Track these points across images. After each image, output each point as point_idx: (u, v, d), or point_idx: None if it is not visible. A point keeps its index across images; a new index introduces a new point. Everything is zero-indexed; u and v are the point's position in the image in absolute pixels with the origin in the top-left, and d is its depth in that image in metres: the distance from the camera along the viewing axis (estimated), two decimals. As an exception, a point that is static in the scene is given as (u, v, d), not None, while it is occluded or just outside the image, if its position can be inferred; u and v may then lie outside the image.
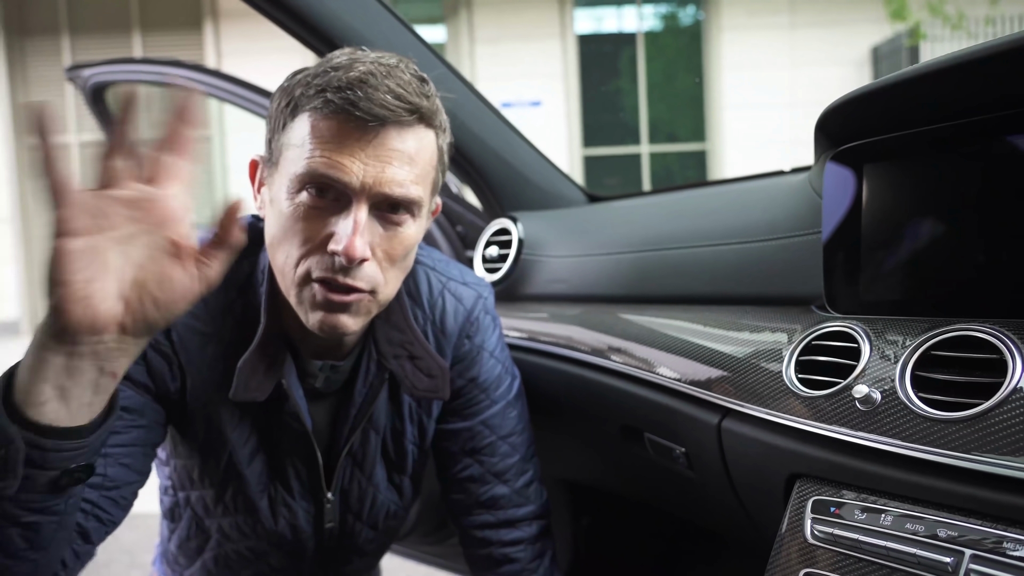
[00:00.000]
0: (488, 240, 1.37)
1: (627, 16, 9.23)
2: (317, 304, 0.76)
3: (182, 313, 0.61)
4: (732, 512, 0.87)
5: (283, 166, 0.76)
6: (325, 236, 0.74)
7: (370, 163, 0.73)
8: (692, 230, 1.02)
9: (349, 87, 0.71)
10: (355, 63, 0.73)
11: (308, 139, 0.73)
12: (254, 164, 0.83)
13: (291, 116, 0.75)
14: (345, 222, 0.73)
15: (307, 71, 0.77)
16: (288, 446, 0.89)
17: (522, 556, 0.98)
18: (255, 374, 0.81)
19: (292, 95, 0.75)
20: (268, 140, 0.79)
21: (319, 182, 0.73)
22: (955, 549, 0.56)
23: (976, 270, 0.66)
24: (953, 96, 0.67)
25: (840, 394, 0.67)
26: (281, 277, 0.78)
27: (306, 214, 0.74)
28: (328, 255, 0.74)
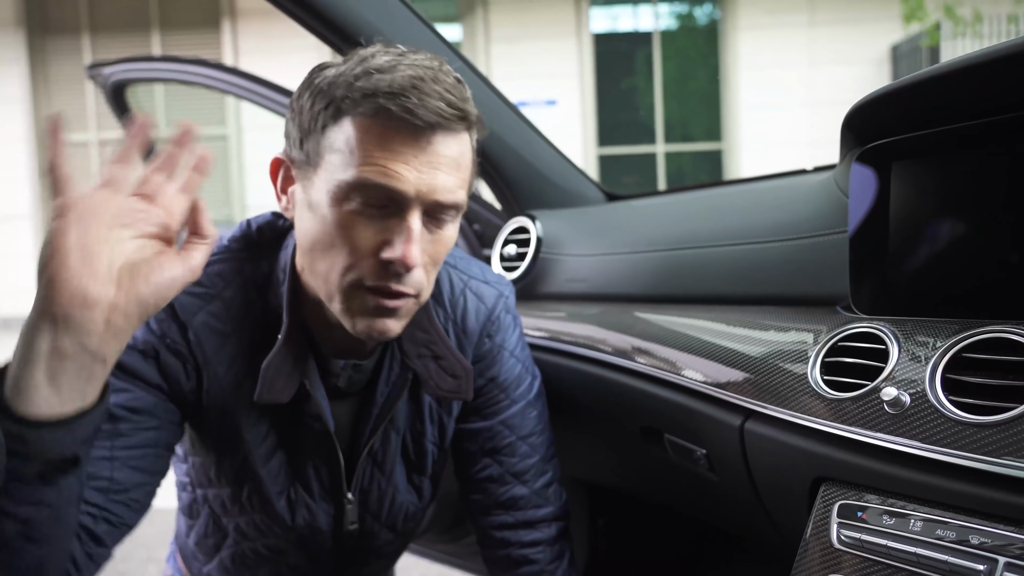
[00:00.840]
0: (506, 238, 1.36)
1: (643, 15, 9.19)
2: (368, 311, 0.76)
3: (170, 299, 0.63)
4: (753, 515, 0.86)
5: (326, 171, 0.73)
6: (377, 244, 0.73)
7: (423, 170, 0.72)
8: (714, 229, 1.01)
9: (403, 92, 0.69)
10: (398, 65, 0.71)
11: (358, 145, 0.71)
12: (277, 163, 0.81)
13: (333, 119, 0.73)
14: (399, 230, 0.72)
15: (340, 70, 0.74)
16: (309, 446, 0.88)
17: (541, 557, 0.97)
18: (279, 375, 0.80)
19: (331, 97, 0.72)
20: (299, 140, 0.76)
21: (371, 191, 0.71)
22: (988, 556, 0.55)
23: (1007, 270, 0.64)
24: (982, 93, 0.66)
25: (867, 396, 0.66)
26: (323, 283, 0.77)
27: (356, 222, 0.73)
28: (381, 262, 0.73)
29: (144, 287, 0.60)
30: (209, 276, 0.82)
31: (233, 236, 0.87)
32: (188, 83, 1.96)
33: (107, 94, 2.08)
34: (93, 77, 2.09)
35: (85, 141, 9.08)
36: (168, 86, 7.46)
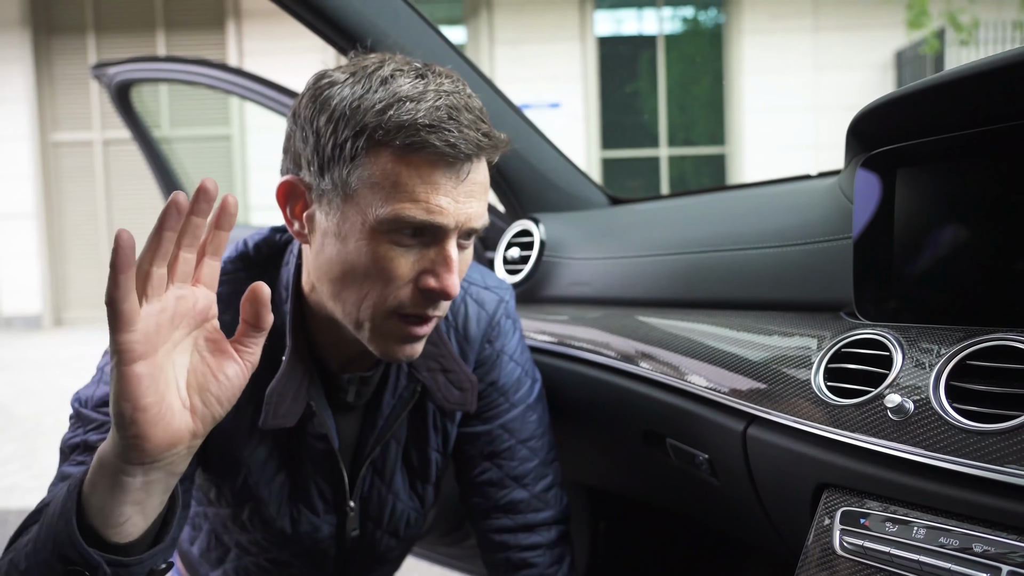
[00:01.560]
0: (510, 241, 1.36)
1: (647, 19, 9.20)
2: (400, 337, 0.76)
3: (237, 398, 0.61)
4: (755, 520, 0.86)
5: (361, 203, 0.71)
6: (416, 273, 0.73)
7: (460, 200, 0.72)
8: (717, 234, 1.01)
9: (443, 126, 0.68)
10: (426, 92, 0.70)
11: (399, 180, 0.69)
12: (288, 187, 0.76)
13: (366, 150, 0.70)
14: (440, 260, 0.73)
15: (357, 91, 0.70)
16: (311, 464, 0.88)
17: (540, 561, 0.97)
18: (284, 399, 0.80)
19: (360, 125, 0.69)
20: (319, 166, 0.72)
21: (415, 226, 0.71)
22: (991, 564, 0.54)
23: (1012, 277, 0.64)
24: (987, 100, 0.66)
25: (871, 403, 0.65)
26: (353, 309, 0.76)
27: (393, 252, 0.72)
28: (421, 291, 0.74)
29: (216, 406, 0.59)
30: (222, 299, 0.79)
31: (229, 257, 0.85)
32: (192, 83, 1.96)
33: (111, 94, 2.09)
34: (98, 77, 2.09)
35: (89, 140, 9.10)
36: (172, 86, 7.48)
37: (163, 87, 8.33)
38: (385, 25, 1.14)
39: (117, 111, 2.13)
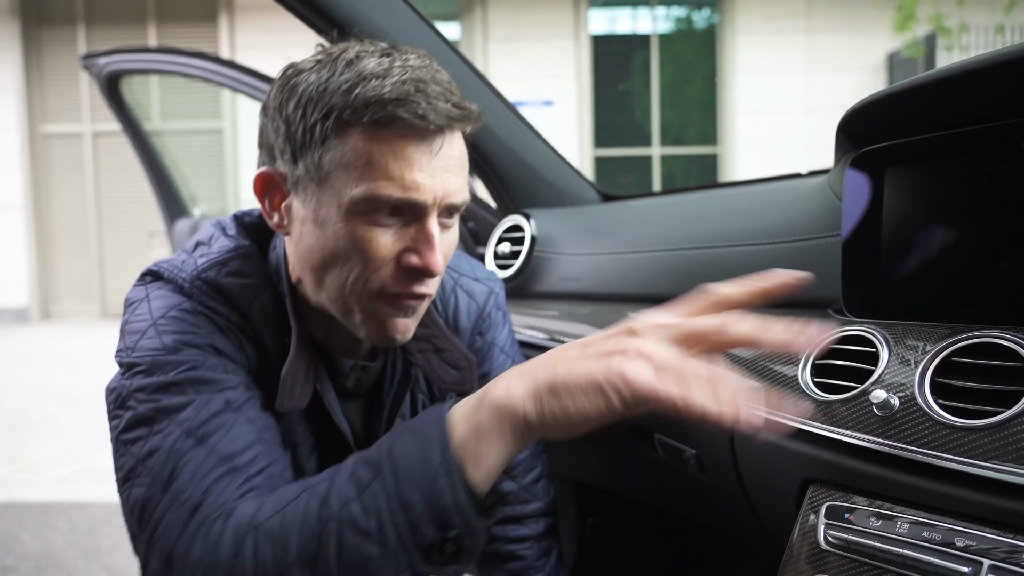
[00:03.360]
0: (500, 236, 1.36)
1: (641, 18, 9.22)
2: (387, 316, 0.75)
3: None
4: (742, 515, 0.87)
5: (335, 186, 0.70)
6: (397, 251, 0.72)
7: (436, 175, 0.70)
8: (708, 231, 1.02)
9: (409, 97, 0.67)
10: (392, 68, 0.69)
11: (371, 158, 0.68)
12: (264, 178, 0.76)
13: (335, 131, 0.69)
14: (420, 237, 0.72)
15: (324, 75, 0.70)
16: (330, 450, 0.87)
17: (528, 553, 0.97)
18: (296, 381, 0.78)
19: (329, 106, 0.68)
20: (291, 154, 0.72)
21: (392, 204, 0.70)
22: (973, 559, 0.55)
23: (999, 276, 0.65)
24: (977, 99, 0.66)
25: (857, 399, 0.66)
26: (337, 295, 0.75)
27: (372, 232, 0.71)
28: (403, 269, 0.73)
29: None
30: (252, 266, 0.80)
31: (237, 233, 0.83)
32: (183, 75, 1.95)
33: (101, 85, 2.07)
34: (87, 67, 2.08)
35: (79, 132, 9.04)
36: (163, 78, 7.43)
37: (154, 80, 8.29)
38: (379, 20, 1.14)
39: (106, 102, 2.12)
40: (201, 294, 0.77)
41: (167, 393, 0.70)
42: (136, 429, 0.70)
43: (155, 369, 0.71)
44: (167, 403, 0.70)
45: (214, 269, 0.78)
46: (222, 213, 4.35)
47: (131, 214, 8.85)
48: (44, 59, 9.04)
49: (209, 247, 0.81)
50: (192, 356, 0.72)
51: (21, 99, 8.89)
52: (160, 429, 0.69)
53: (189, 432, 0.68)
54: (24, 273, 8.97)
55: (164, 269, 0.79)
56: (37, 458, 3.62)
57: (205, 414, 0.70)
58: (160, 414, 0.69)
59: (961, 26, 6.62)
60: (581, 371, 0.57)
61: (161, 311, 0.75)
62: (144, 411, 0.70)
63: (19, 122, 8.88)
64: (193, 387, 0.71)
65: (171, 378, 0.71)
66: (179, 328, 0.74)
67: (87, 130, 9.00)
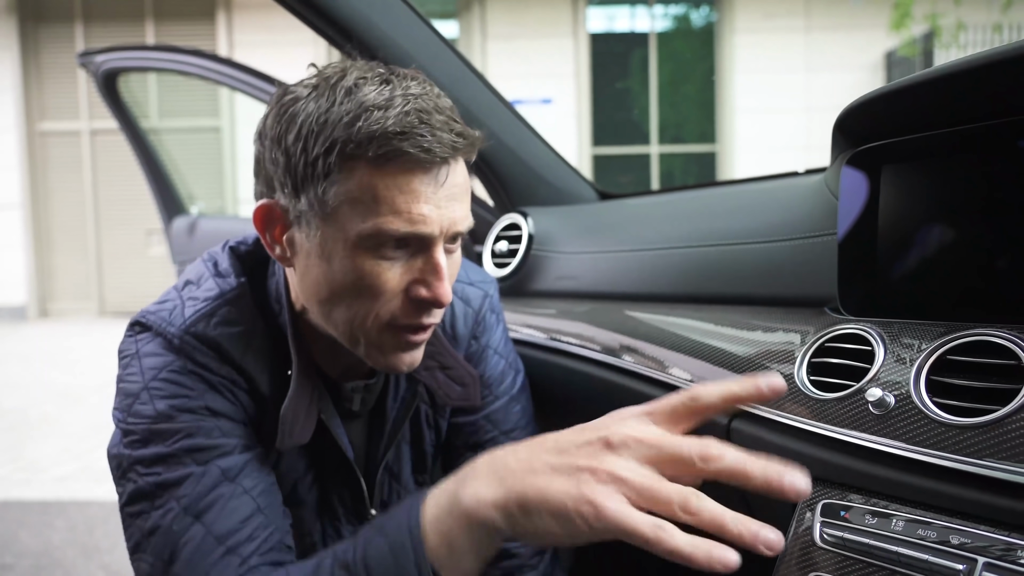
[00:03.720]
0: (498, 235, 1.36)
1: (640, 16, 9.22)
2: (399, 347, 0.75)
3: None
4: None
5: (340, 220, 0.69)
6: (406, 284, 0.72)
7: (443, 205, 0.70)
8: (705, 229, 1.02)
9: (414, 130, 0.66)
10: (394, 99, 0.67)
11: (378, 193, 0.67)
12: (264, 210, 0.74)
13: (338, 165, 0.67)
14: (428, 269, 0.71)
15: (323, 105, 0.68)
16: (332, 476, 0.88)
17: (522, 551, 0.97)
18: (297, 418, 0.78)
19: (331, 140, 0.67)
20: (292, 187, 0.70)
21: (400, 238, 0.69)
22: (968, 556, 0.55)
23: (994, 275, 0.65)
24: (973, 98, 0.66)
25: (852, 397, 0.66)
26: (346, 327, 0.74)
27: (380, 266, 0.70)
28: (411, 301, 0.72)
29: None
30: (241, 311, 0.79)
31: (237, 268, 0.82)
32: (181, 73, 1.95)
33: (98, 82, 2.07)
34: (84, 65, 2.08)
35: (77, 130, 9.03)
36: (161, 76, 7.43)
37: (152, 77, 8.28)
38: (376, 18, 1.14)
39: (104, 100, 2.12)
40: (192, 349, 0.75)
41: (165, 465, 0.71)
42: (138, 503, 0.72)
43: (151, 439, 0.72)
44: (165, 477, 0.71)
45: (202, 322, 0.76)
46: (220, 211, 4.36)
47: (129, 212, 8.84)
48: (42, 57, 9.02)
49: (198, 287, 0.80)
50: (187, 423, 0.73)
51: (19, 97, 8.87)
52: (160, 505, 0.70)
53: (187, 509, 0.70)
54: (22, 271, 8.96)
55: (152, 321, 0.77)
56: (36, 457, 3.62)
57: (202, 488, 0.71)
58: (159, 489, 0.71)
59: (958, 24, 6.63)
60: (552, 492, 0.53)
61: (152, 372, 0.75)
62: (144, 486, 0.71)
63: (17, 120, 8.86)
64: (190, 456, 0.72)
65: (168, 449, 0.72)
66: (171, 392, 0.74)
67: (85, 128, 8.98)
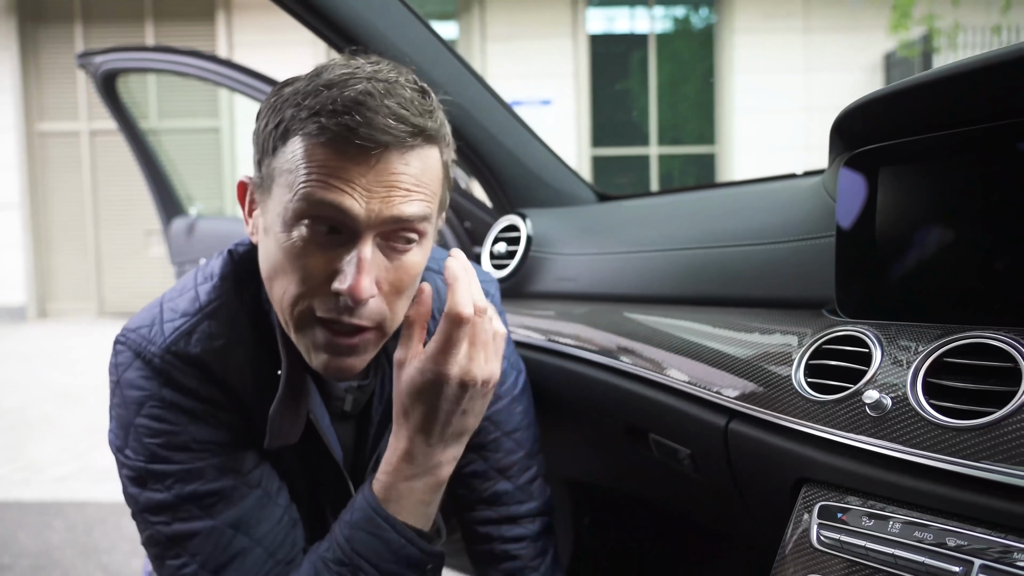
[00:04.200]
0: (496, 236, 1.36)
1: (639, 17, 9.22)
2: (321, 347, 0.72)
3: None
4: (736, 514, 0.87)
5: (276, 194, 0.69)
6: (328, 273, 0.69)
7: (373, 191, 0.66)
8: (703, 231, 1.02)
9: (346, 110, 0.65)
10: (349, 80, 0.66)
11: (302, 167, 0.66)
12: (243, 186, 0.77)
13: (282, 139, 0.68)
14: (349, 258, 0.68)
15: (296, 86, 0.69)
16: (320, 477, 0.88)
17: (524, 553, 0.97)
18: (285, 419, 0.78)
19: (282, 116, 0.68)
20: (257, 162, 0.73)
21: (317, 215, 0.67)
22: (964, 559, 0.55)
23: (991, 277, 0.65)
24: (970, 101, 0.67)
25: (850, 399, 0.66)
26: (280, 313, 0.74)
27: (305, 249, 0.68)
28: (332, 294, 0.69)
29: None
30: (222, 322, 0.78)
31: (224, 272, 0.82)
32: (180, 74, 1.95)
33: (97, 83, 2.07)
34: (83, 66, 2.08)
35: (76, 131, 9.02)
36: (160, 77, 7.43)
37: (152, 78, 8.27)
38: (375, 19, 1.14)
39: (103, 101, 2.12)
40: (172, 370, 0.76)
41: (171, 515, 0.75)
42: (154, 548, 0.77)
43: (148, 479, 0.76)
44: (176, 529, 0.75)
45: (183, 340, 0.77)
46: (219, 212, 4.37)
47: (128, 213, 8.84)
48: (41, 57, 9.02)
49: (180, 298, 0.80)
50: (179, 463, 0.76)
51: (18, 97, 8.86)
52: (175, 556, 0.76)
53: (203, 565, 0.75)
54: (21, 271, 8.95)
55: (132, 341, 0.78)
56: (35, 457, 3.62)
57: (215, 547, 0.76)
58: (172, 542, 0.76)
59: (956, 26, 6.63)
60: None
61: (135, 408, 0.76)
62: (156, 535, 0.76)
63: (16, 120, 8.86)
64: (194, 505, 0.76)
65: (169, 496, 0.75)
66: (156, 430, 0.75)
67: (84, 128, 8.98)
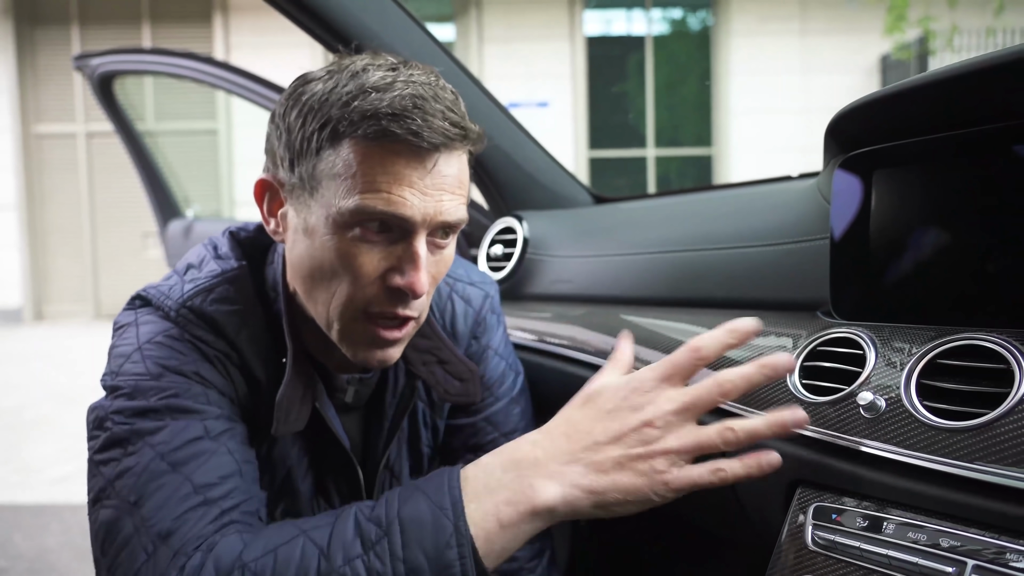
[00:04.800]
0: (493, 238, 1.36)
1: (636, 19, 9.24)
2: (369, 341, 0.74)
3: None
4: (732, 515, 0.87)
5: (324, 196, 0.70)
6: (382, 270, 0.71)
7: (428, 193, 0.69)
8: (699, 233, 1.02)
9: (405, 113, 0.66)
10: (395, 83, 0.68)
11: (360, 171, 0.67)
12: (263, 185, 0.77)
13: (330, 142, 0.69)
14: (407, 256, 0.70)
15: (329, 86, 0.70)
16: (330, 466, 0.87)
17: (520, 554, 0.97)
18: (292, 405, 0.78)
19: (327, 117, 0.68)
20: (289, 162, 0.72)
21: (377, 218, 0.69)
22: (957, 559, 0.56)
23: (984, 279, 0.65)
24: (964, 104, 0.67)
25: (844, 401, 0.66)
26: (323, 309, 0.75)
27: (359, 249, 0.70)
28: (387, 289, 0.71)
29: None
30: (240, 291, 0.79)
31: (237, 253, 0.83)
32: (177, 76, 1.95)
33: (93, 85, 2.07)
34: (80, 68, 2.08)
35: (72, 133, 9.01)
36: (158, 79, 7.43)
37: (149, 80, 8.27)
38: (371, 21, 1.14)
39: (99, 103, 2.12)
40: (187, 322, 0.76)
41: (145, 418, 0.70)
42: (110, 450, 0.69)
43: (137, 394, 0.71)
44: (142, 426, 0.69)
45: (200, 296, 0.77)
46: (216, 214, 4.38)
47: (125, 215, 8.83)
48: (38, 59, 9.01)
49: (199, 271, 0.81)
50: (175, 383, 0.72)
51: (14, 99, 8.85)
52: (134, 451, 0.68)
53: (163, 456, 0.68)
54: (17, 273, 8.94)
55: (151, 295, 0.79)
56: (31, 459, 3.61)
57: (181, 439, 0.69)
58: (135, 436, 0.69)
59: (953, 28, 6.66)
60: (629, 486, 0.63)
61: (147, 336, 0.75)
62: (120, 432, 0.69)
63: (12, 122, 8.85)
64: (171, 414, 0.71)
65: (151, 404, 0.71)
66: (164, 354, 0.74)
67: (81, 130, 8.97)
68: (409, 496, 0.64)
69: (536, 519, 0.63)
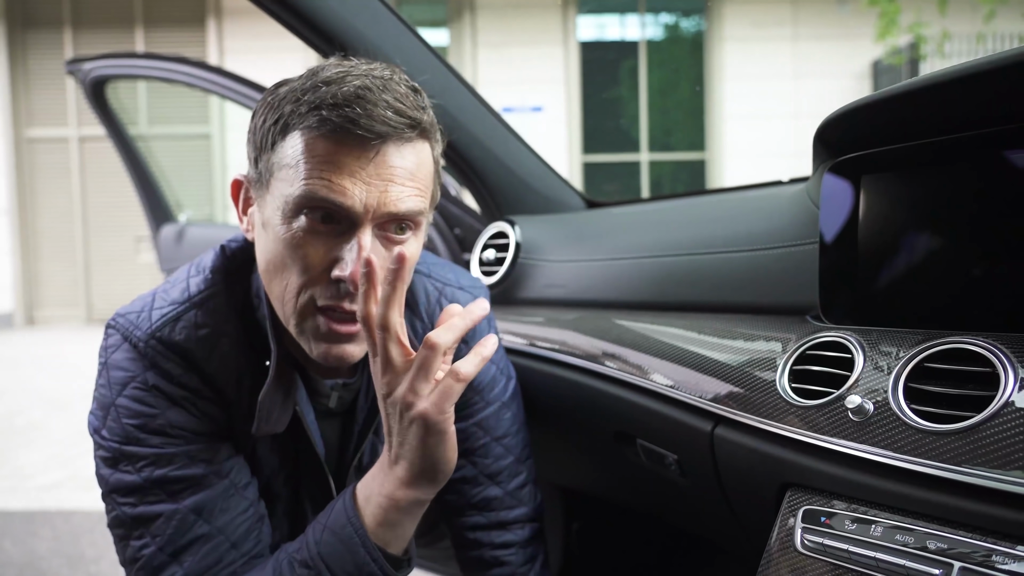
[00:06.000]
0: (485, 243, 1.37)
1: (630, 24, 9.26)
2: (321, 336, 0.74)
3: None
4: (723, 519, 0.87)
5: (275, 188, 0.72)
6: (328, 262, 0.71)
7: (372, 183, 0.70)
8: (690, 238, 1.03)
9: (346, 103, 0.68)
10: (346, 76, 0.70)
11: (303, 160, 0.69)
12: (237, 184, 0.79)
13: (281, 135, 0.71)
14: (349, 247, 0.71)
15: (292, 85, 0.73)
16: (303, 470, 0.88)
17: (513, 559, 0.97)
18: (274, 406, 0.79)
19: (280, 112, 0.71)
20: (254, 159, 0.75)
21: (318, 206, 0.70)
22: (944, 561, 0.56)
23: (971, 283, 0.66)
24: (953, 109, 0.68)
25: (833, 404, 0.67)
26: (280, 305, 0.76)
27: (305, 240, 0.71)
28: (332, 282, 0.72)
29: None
30: (209, 313, 0.80)
31: (215, 266, 0.84)
32: (169, 81, 1.95)
33: (86, 90, 2.07)
34: (73, 72, 2.07)
35: (65, 137, 8.97)
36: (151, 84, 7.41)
37: (141, 84, 8.25)
38: (363, 27, 1.15)
39: (91, 107, 2.11)
40: (156, 355, 0.78)
41: (138, 497, 0.76)
42: (118, 529, 0.78)
43: (120, 459, 0.77)
44: (141, 511, 0.76)
45: (168, 327, 0.79)
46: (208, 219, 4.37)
47: (117, 219, 8.79)
48: (30, 63, 8.97)
49: (167, 295, 0.82)
50: (153, 448, 0.77)
51: (6, 103, 8.81)
52: (137, 537, 0.76)
53: (162, 548, 0.76)
54: (8, 278, 8.88)
55: (121, 325, 0.80)
56: (22, 465, 3.59)
57: (175, 532, 0.76)
58: (135, 523, 0.76)
59: (943, 34, 6.71)
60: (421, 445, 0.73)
61: (118, 388, 0.78)
62: (121, 516, 0.77)
63: (4, 126, 8.80)
64: (161, 489, 0.76)
65: (138, 478, 0.76)
66: (135, 412, 0.77)
67: (73, 134, 8.93)
68: (321, 536, 0.75)
69: (409, 505, 0.74)
